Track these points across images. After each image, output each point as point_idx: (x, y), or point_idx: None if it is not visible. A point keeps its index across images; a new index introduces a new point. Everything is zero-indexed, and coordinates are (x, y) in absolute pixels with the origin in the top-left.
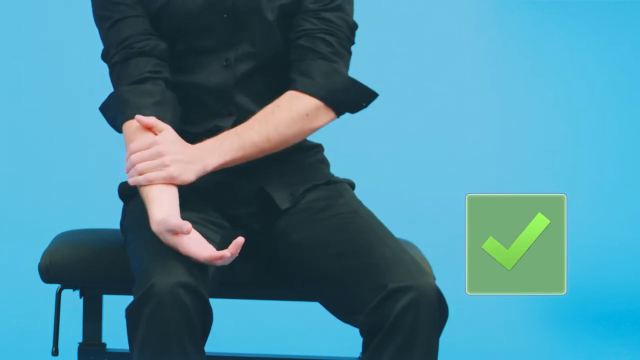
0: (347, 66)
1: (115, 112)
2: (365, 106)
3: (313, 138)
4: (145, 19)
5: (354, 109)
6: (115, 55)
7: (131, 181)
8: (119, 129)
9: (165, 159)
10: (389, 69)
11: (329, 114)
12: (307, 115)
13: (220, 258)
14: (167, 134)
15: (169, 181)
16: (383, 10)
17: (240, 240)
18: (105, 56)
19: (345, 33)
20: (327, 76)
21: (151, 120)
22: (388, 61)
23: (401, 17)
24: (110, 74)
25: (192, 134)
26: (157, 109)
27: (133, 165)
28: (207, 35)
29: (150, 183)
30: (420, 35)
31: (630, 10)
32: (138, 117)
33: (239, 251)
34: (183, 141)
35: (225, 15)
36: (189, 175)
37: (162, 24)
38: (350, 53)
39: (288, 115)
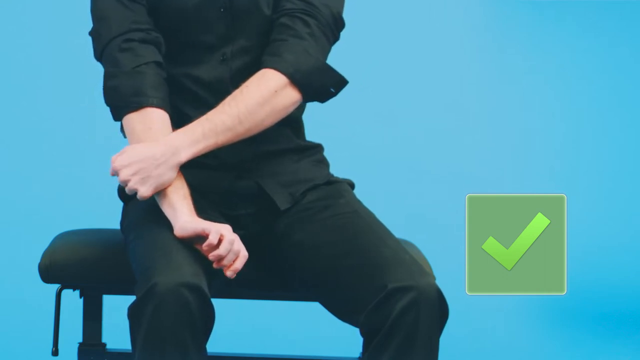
0: (323, 52)
1: (124, 95)
2: (335, 93)
3: (313, 138)
4: (146, 9)
5: (321, 95)
6: (133, 33)
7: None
8: (123, 108)
9: (131, 184)
10: (389, 69)
11: (294, 93)
12: (276, 91)
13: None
14: (126, 153)
15: (146, 198)
16: (383, 11)
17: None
18: (107, 30)
19: (327, 20)
20: (295, 54)
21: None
22: (388, 61)
23: (401, 18)
24: (119, 48)
25: (190, 118)
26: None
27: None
28: (204, 29)
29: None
30: (420, 35)
31: (630, 11)
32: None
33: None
34: (146, 145)
35: (222, 10)
36: (164, 176)
37: (160, 17)
38: (329, 42)
39: (257, 93)
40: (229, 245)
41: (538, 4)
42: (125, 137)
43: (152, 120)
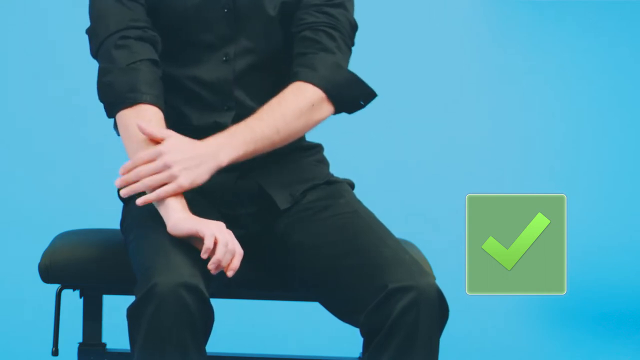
0: (347, 63)
1: (118, 91)
2: (363, 106)
3: (313, 138)
4: (145, 8)
5: (352, 107)
6: (129, 31)
7: (140, 201)
8: (116, 105)
9: (174, 170)
10: (390, 69)
11: (329, 107)
12: (313, 105)
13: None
14: (172, 140)
15: (180, 191)
16: (384, 11)
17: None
18: (105, 27)
19: (347, 30)
20: (330, 69)
21: (154, 130)
22: (388, 61)
23: (401, 18)
24: (115, 45)
25: (191, 126)
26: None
27: (140, 178)
28: (206, 29)
29: (159, 198)
30: (420, 35)
31: (630, 11)
32: (140, 126)
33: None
34: (191, 141)
35: (225, 10)
36: (202, 177)
37: (160, 16)
38: (350, 51)
39: (295, 105)
40: (224, 248)
41: (538, 4)
42: (118, 134)
43: (145, 116)
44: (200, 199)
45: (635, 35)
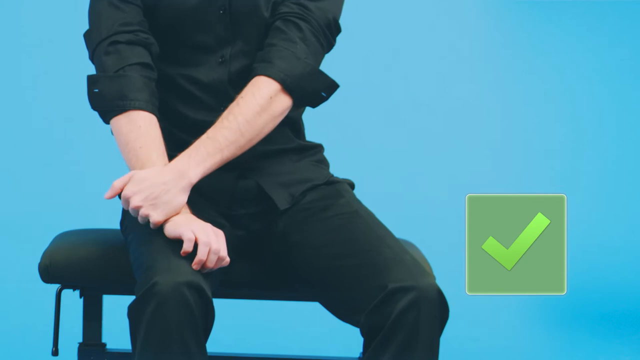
0: (314, 56)
1: (108, 99)
2: (326, 98)
3: (313, 138)
4: (141, 10)
5: (313, 100)
6: (120, 35)
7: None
8: (110, 112)
9: (143, 211)
10: (389, 69)
11: (287, 99)
12: (271, 98)
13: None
14: (134, 179)
15: (158, 225)
16: (383, 11)
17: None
18: (96, 32)
19: (320, 25)
20: (285, 60)
21: (109, 193)
22: (388, 61)
23: (401, 17)
24: (105, 51)
25: (190, 125)
26: (152, 103)
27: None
28: (203, 30)
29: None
30: (420, 35)
31: (630, 11)
32: (105, 196)
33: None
34: (155, 172)
35: (221, 12)
36: (176, 200)
37: (158, 17)
38: (322, 46)
39: (253, 102)
40: (205, 248)
41: (538, 4)
42: None
43: (137, 121)
44: (200, 199)
45: (635, 35)
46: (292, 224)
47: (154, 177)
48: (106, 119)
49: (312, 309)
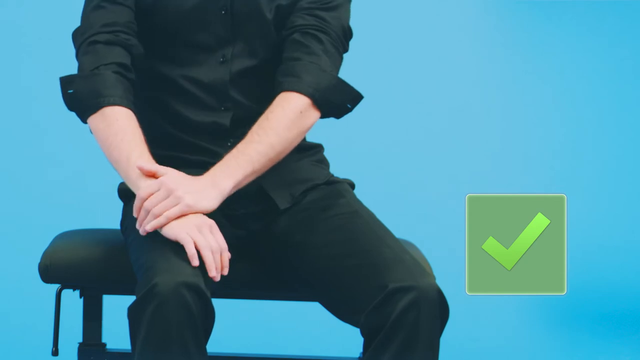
0: (336, 67)
1: (82, 99)
2: (351, 109)
3: (313, 138)
4: (132, 11)
5: (339, 111)
6: (99, 35)
7: (149, 227)
8: (86, 111)
9: (178, 193)
10: (390, 70)
11: (316, 113)
12: (301, 112)
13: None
14: (172, 172)
15: (187, 211)
16: (383, 12)
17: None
18: (81, 33)
19: (338, 34)
20: (313, 74)
21: (153, 167)
22: (388, 62)
23: (401, 18)
24: (84, 51)
25: (190, 126)
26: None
27: (148, 212)
28: (204, 30)
29: (169, 221)
30: (419, 35)
31: (630, 11)
32: (139, 165)
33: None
34: (188, 176)
35: (223, 12)
36: (209, 202)
37: (156, 17)
38: (341, 56)
39: (283, 116)
40: (209, 252)
41: (538, 4)
42: None
43: (114, 116)
44: None
45: (635, 35)
46: (292, 223)
47: (189, 177)
48: (84, 119)
49: (312, 309)
